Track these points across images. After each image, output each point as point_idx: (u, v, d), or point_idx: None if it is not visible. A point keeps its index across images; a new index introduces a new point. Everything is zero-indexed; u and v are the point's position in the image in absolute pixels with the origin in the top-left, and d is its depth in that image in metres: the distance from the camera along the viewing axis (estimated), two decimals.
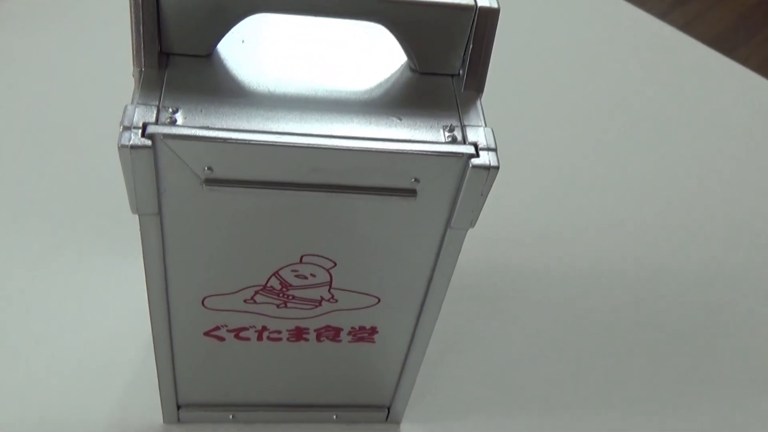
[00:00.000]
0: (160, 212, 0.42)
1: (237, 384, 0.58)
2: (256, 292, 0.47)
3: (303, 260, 0.45)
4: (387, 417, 0.68)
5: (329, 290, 0.48)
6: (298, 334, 0.51)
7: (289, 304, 0.49)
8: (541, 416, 0.71)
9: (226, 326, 0.50)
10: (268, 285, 0.47)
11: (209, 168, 0.39)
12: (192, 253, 0.44)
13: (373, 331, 0.52)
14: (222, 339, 0.51)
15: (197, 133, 0.37)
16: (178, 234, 0.43)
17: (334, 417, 0.68)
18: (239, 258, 0.45)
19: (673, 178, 0.95)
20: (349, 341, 0.53)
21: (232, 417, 0.66)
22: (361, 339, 0.53)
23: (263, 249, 0.45)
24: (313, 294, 0.48)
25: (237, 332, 0.51)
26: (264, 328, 0.50)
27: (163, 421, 0.66)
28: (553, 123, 0.98)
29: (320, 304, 0.49)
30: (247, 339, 0.51)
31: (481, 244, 0.80)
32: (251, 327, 0.50)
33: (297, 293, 0.48)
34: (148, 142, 0.38)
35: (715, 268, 0.86)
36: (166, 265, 0.45)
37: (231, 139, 0.37)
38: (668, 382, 0.75)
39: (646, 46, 1.12)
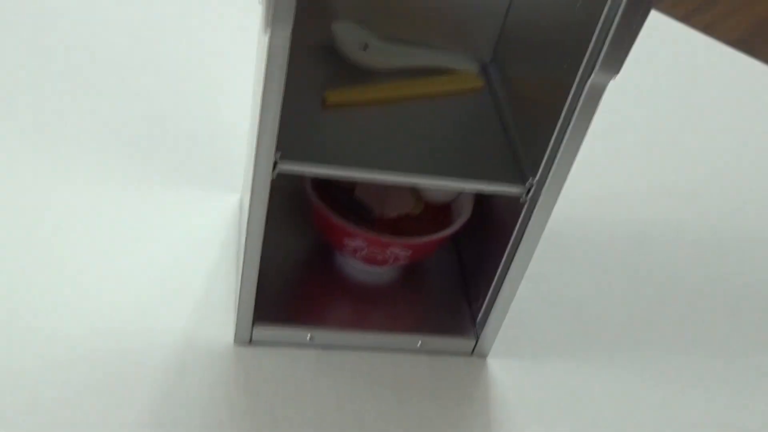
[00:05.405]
0: None
1: None
2: None
3: None
4: (473, 350, 0.63)
5: None
6: None
7: None
8: (629, 356, 0.67)
9: None
10: None
11: None
12: None
13: None
14: None
15: None
16: None
17: (418, 344, 0.62)
18: None
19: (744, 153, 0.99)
20: None
21: (310, 338, 0.60)
22: None
23: None
24: None
25: None
26: None
27: (234, 342, 0.59)
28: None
29: None
30: None
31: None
32: None
33: None
34: None
35: None
36: None
37: None
38: (758, 324, 0.73)
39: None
